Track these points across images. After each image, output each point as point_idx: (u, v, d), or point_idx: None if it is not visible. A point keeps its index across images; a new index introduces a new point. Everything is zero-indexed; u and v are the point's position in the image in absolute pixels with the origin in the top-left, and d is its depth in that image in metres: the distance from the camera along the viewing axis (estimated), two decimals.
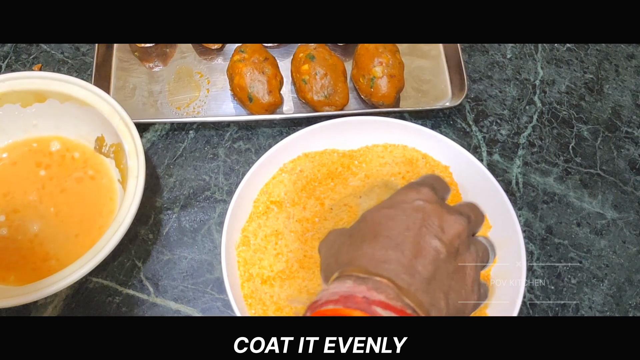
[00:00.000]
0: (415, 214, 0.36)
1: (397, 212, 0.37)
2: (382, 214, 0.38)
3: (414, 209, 0.37)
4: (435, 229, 0.36)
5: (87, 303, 0.50)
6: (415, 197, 0.38)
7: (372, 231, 0.37)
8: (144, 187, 0.48)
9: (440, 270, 0.35)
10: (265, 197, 0.51)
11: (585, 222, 0.56)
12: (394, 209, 0.37)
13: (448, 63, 0.63)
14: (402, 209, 0.37)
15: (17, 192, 0.53)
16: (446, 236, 0.36)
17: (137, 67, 0.62)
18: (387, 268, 0.34)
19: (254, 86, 0.56)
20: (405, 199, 0.38)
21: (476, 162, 0.51)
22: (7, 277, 0.49)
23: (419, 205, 0.37)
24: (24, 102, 0.54)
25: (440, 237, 0.36)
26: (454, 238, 0.36)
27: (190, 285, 0.52)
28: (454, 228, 0.36)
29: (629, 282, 0.53)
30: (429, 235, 0.36)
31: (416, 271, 0.34)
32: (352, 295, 0.33)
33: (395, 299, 0.33)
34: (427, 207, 0.37)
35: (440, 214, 0.37)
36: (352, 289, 0.34)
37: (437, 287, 0.35)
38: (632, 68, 0.64)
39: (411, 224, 0.36)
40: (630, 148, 0.60)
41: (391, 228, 0.36)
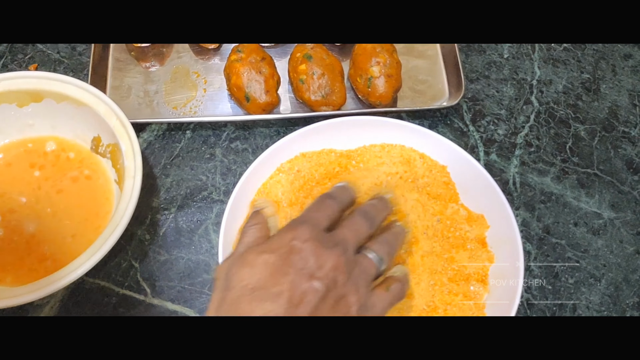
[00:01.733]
0: (291, 257, 0.38)
1: (275, 259, 0.38)
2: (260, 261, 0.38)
3: (289, 252, 0.38)
4: (310, 269, 0.37)
5: (84, 304, 0.50)
6: (291, 238, 0.39)
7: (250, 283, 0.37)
8: (140, 187, 0.48)
9: (319, 309, 0.36)
10: (262, 197, 0.51)
11: (583, 221, 0.56)
12: (272, 254, 0.38)
13: (445, 63, 0.63)
14: (279, 254, 0.38)
15: (13, 193, 0.53)
16: (322, 272, 0.37)
17: (133, 67, 0.62)
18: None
19: (251, 86, 0.56)
20: (282, 241, 0.39)
21: (474, 161, 0.51)
22: (3, 277, 0.49)
23: (293, 247, 0.38)
24: (20, 102, 0.53)
25: (316, 275, 0.37)
26: (329, 271, 0.37)
27: (187, 285, 0.51)
28: (329, 262, 0.38)
29: (626, 282, 0.53)
30: (304, 277, 0.37)
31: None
32: None
33: None
34: (302, 247, 0.38)
35: (315, 251, 0.38)
36: None
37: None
38: (628, 68, 0.64)
39: (287, 268, 0.37)
40: (627, 148, 0.60)
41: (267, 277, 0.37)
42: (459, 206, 0.51)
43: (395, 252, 0.44)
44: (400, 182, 0.51)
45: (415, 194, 0.51)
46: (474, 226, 0.50)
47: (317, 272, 0.37)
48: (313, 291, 0.36)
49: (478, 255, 0.49)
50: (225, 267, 0.40)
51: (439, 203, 0.51)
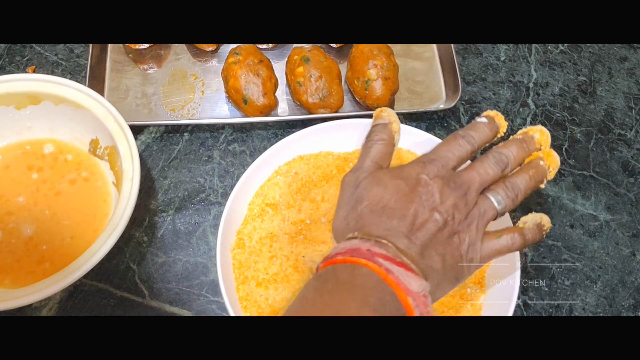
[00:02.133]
0: (419, 188, 0.41)
1: (404, 186, 0.42)
2: (392, 184, 0.42)
3: (417, 183, 0.42)
4: (433, 202, 0.41)
5: (82, 306, 0.50)
6: (419, 172, 0.42)
7: (380, 201, 0.41)
8: (138, 189, 0.48)
9: (436, 237, 0.40)
10: (260, 199, 0.51)
11: (579, 223, 0.56)
12: (402, 180, 0.42)
13: (442, 65, 0.63)
14: (408, 183, 0.42)
15: (10, 195, 0.53)
16: (443, 207, 0.41)
17: (131, 69, 0.62)
18: (389, 235, 0.40)
19: (248, 88, 0.57)
20: (412, 173, 0.42)
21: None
22: (1, 280, 0.49)
23: (422, 180, 0.42)
24: (18, 105, 0.54)
25: (438, 209, 0.41)
26: (449, 208, 0.41)
27: (185, 287, 0.52)
28: (450, 199, 0.41)
29: (622, 284, 0.53)
30: (428, 208, 0.41)
31: (414, 238, 0.40)
32: (358, 249, 0.39)
33: (395, 255, 0.38)
34: (429, 182, 0.42)
35: (441, 188, 0.41)
36: (358, 245, 0.39)
37: (433, 252, 0.40)
38: (624, 70, 0.65)
39: (414, 197, 0.41)
40: (623, 150, 0.60)
41: (397, 200, 0.41)
42: None
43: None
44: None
45: None
46: None
47: (439, 207, 0.41)
48: (433, 221, 0.40)
49: None
50: (353, 178, 0.44)
51: None
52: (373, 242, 0.39)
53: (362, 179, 0.43)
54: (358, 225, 0.41)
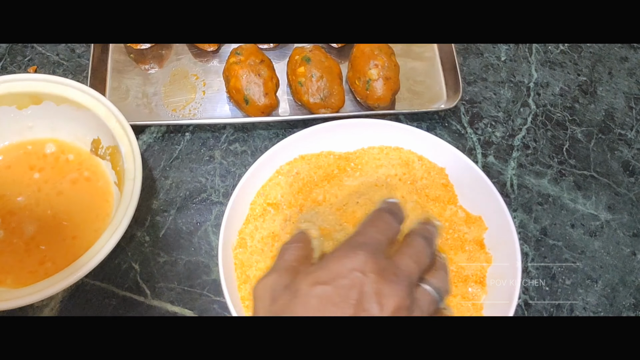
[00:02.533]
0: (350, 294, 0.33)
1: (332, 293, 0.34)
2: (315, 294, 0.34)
3: (350, 286, 0.34)
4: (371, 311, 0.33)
5: (84, 305, 0.51)
6: (350, 268, 0.34)
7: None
8: (140, 189, 0.48)
9: None
10: (262, 199, 0.51)
11: (579, 223, 0.56)
12: (329, 286, 0.34)
13: (443, 65, 0.64)
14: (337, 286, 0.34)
15: (12, 195, 0.53)
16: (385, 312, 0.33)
17: (132, 69, 0.62)
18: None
19: (250, 88, 0.57)
20: (341, 271, 0.34)
21: (471, 164, 0.51)
22: (3, 279, 0.49)
23: (354, 279, 0.34)
24: (20, 105, 0.54)
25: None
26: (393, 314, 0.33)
27: (187, 287, 0.52)
28: (392, 302, 0.33)
29: (622, 283, 0.53)
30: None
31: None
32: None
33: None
34: (363, 280, 0.34)
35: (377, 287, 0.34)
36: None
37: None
38: (625, 70, 0.65)
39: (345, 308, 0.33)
40: (623, 150, 0.60)
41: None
42: (458, 208, 0.51)
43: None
44: (399, 184, 0.52)
45: (415, 196, 0.51)
46: (472, 228, 0.50)
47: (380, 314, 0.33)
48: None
49: (476, 256, 0.49)
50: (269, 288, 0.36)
51: (437, 205, 0.51)
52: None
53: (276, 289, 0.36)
54: None
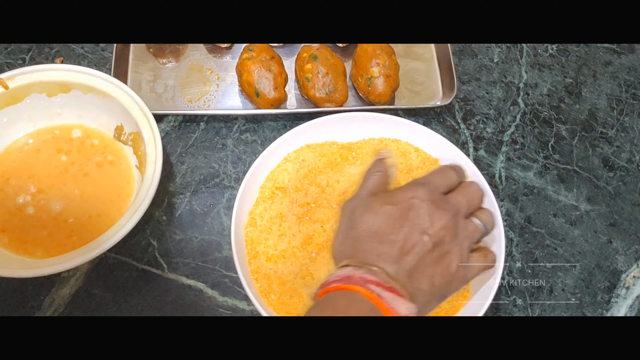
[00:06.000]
0: (409, 212, 0.44)
1: (394, 211, 0.45)
2: (383, 210, 0.45)
3: (408, 207, 0.44)
4: (423, 225, 0.44)
5: (106, 276, 0.55)
6: (410, 196, 0.45)
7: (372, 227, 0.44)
8: (160, 172, 0.53)
9: (425, 260, 0.43)
10: (270, 183, 0.56)
11: (561, 213, 0.61)
12: (392, 205, 0.45)
13: (440, 65, 0.68)
14: (399, 207, 0.45)
15: (41, 175, 0.58)
16: (433, 229, 0.44)
17: (151, 63, 0.67)
18: (380, 260, 0.43)
19: (261, 82, 0.61)
20: (403, 197, 0.45)
21: (463, 156, 0.56)
22: (34, 251, 0.54)
23: (412, 204, 0.44)
24: (50, 92, 0.58)
25: (427, 232, 0.43)
26: (439, 230, 0.44)
27: (201, 262, 0.56)
28: (440, 221, 0.44)
29: (598, 268, 0.58)
30: (418, 231, 0.43)
31: (403, 262, 0.43)
32: (351, 276, 0.42)
33: (385, 281, 0.41)
34: (419, 205, 0.44)
35: (430, 210, 0.44)
36: (351, 272, 0.42)
37: (421, 274, 0.43)
38: (608, 74, 0.70)
39: (404, 221, 0.44)
40: (604, 147, 0.65)
41: (388, 225, 0.44)
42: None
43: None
44: (397, 172, 0.56)
45: None
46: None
47: (429, 229, 0.43)
48: (422, 244, 0.43)
49: None
50: (350, 206, 0.47)
51: None
52: (365, 270, 0.42)
53: (356, 206, 0.47)
54: (352, 252, 0.44)
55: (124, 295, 0.55)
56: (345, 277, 0.42)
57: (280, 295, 0.51)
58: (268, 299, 0.51)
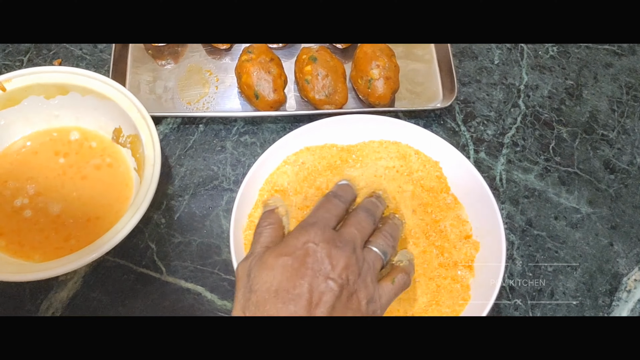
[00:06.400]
0: (307, 259, 0.42)
1: (291, 261, 0.42)
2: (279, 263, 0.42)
3: (304, 254, 0.42)
4: (325, 270, 0.41)
5: (105, 280, 0.55)
6: (303, 241, 0.43)
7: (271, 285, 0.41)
8: (159, 174, 0.53)
9: (336, 307, 0.40)
10: (270, 186, 0.55)
11: (562, 215, 0.61)
12: (288, 256, 0.42)
13: (440, 67, 0.68)
14: (295, 256, 0.42)
15: (39, 178, 0.57)
16: (335, 272, 0.41)
17: (150, 64, 0.66)
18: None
19: (260, 84, 0.61)
20: (297, 244, 0.43)
21: (464, 159, 0.55)
22: (32, 255, 0.54)
23: (307, 250, 0.42)
24: (48, 94, 0.58)
25: (331, 276, 0.41)
26: (342, 271, 0.41)
27: (199, 266, 0.56)
28: (341, 261, 0.42)
29: (599, 271, 0.58)
30: (320, 278, 0.41)
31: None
32: None
33: None
34: (315, 249, 0.42)
35: (328, 252, 0.42)
36: None
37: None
38: (609, 76, 0.69)
39: (304, 272, 0.41)
40: (605, 149, 0.65)
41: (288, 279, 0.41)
42: (450, 195, 0.55)
43: (397, 243, 0.49)
44: (397, 175, 0.56)
45: (410, 186, 0.55)
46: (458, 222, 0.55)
47: (331, 273, 0.41)
48: (329, 291, 0.40)
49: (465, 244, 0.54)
50: (246, 267, 0.44)
51: (431, 194, 0.55)
52: None
53: (252, 266, 0.43)
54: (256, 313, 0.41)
55: (122, 299, 0.54)
56: None
57: None
58: None
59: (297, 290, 0.40)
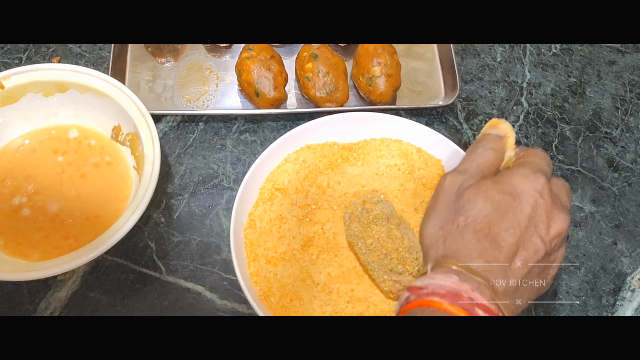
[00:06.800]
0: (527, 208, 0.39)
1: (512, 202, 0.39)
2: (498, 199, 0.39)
3: (528, 203, 0.39)
4: (541, 229, 0.39)
5: (103, 279, 0.54)
6: (532, 188, 0.39)
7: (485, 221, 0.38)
8: (159, 173, 0.52)
9: (532, 271, 0.39)
10: (270, 184, 0.55)
11: None
12: (510, 196, 0.39)
13: (442, 65, 0.67)
14: (518, 200, 0.39)
15: (37, 176, 0.57)
16: (549, 236, 0.39)
17: (150, 62, 0.66)
18: (489, 269, 0.38)
19: (260, 82, 0.60)
20: (524, 188, 0.39)
21: None
22: (31, 254, 0.53)
23: (534, 200, 0.39)
24: (47, 92, 0.57)
25: (543, 238, 0.39)
26: (554, 237, 0.39)
27: (199, 265, 0.56)
28: (558, 227, 0.39)
29: (603, 270, 0.57)
30: (535, 235, 0.38)
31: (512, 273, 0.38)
32: (459, 294, 0.36)
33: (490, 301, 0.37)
34: (540, 203, 0.39)
35: (550, 212, 0.39)
36: (458, 287, 0.37)
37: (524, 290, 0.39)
38: (612, 73, 0.69)
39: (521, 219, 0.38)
40: (608, 147, 0.64)
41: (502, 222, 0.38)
42: None
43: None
44: (399, 173, 0.56)
45: (412, 185, 0.55)
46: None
47: (546, 236, 0.38)
48: (535, 253, 0.38)
49: None
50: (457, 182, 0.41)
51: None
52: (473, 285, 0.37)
53: (466, 186, 0.40)
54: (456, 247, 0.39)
55: (121, 299, 0.54)
56: (451, 292, 0.36)
57: (280, 298, 0.50)
58: (268, 302, 0.50)
59: (508, 238, 0.38)
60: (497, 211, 0.38)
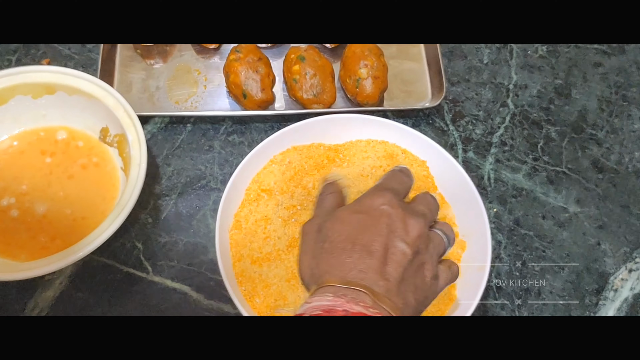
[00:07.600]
0: (383, 219, 0.41)
1: (367, 219, 0.42)
2: (354, 219, 0.42)
3: (381, 215, 0.41)
4: (400, 233, 0.41)
5: (90, 280, 0.55)
6: (380, 203, 0.42)
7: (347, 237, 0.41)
8: (145, 174, 0.53)
9: (407, 270, 0.40)
10: (256, 185, 0.55)
11: (550, 215, 0.61)
12: (363, 214, 0.42)
13: (429, 67, 0.68)
14: (371, 215, 0.42)
15: (25, 177, 0.57)
16: (410, 238, 0.41)
17: (139, 64, 0.66)
18: (364, 277, 0.39)
19: (248, 84, 0.61)
20: (373, 204, 0.42)
21: (451, 158, 0.55)
22: (18, 254, 0.53)
23: (384, 211, 0.42)
24: (35, 94, 0.58)
25: (406, 240, 0.40)
26: (416, 239, 0.41)
27: (186, 265, 0.56)
28: (415, 230, 0.41)
29: (587, 270, 0.58)
30: (396, 239, 0.40)
31: (389, 276, 0.39)
32: (333, 309, 0.37)
33: (372, 306, 0.37)
34: (391, 212, 0.42)
35: (403, 218, 0.41)
36: (333, 303, 0.37)
37: (406, 287, 0.40)
38: (598, 75, 0.69)
39: (380, 229, 0.41)
40: (593, 149, 0.65)
41: (364, 235, 0.41)
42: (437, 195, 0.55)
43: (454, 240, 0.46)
44: (384, 174, 0.56)
45: None
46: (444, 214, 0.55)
47: (406, 238, 0.40)
48: (403, 253, 0.40)
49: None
50: (315, 225, 0.44)
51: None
52: (348, 298, 0.37)
53: (322, 222, 0.43)
54: (327, 268, 0.40)
55: (108, 298, 0.54)
56: (326, 310, 0.37)
57: (264, 299, 0.50)
58: (252, 302, 0.50)
59: (374, 246, 0.40)
60: (357, 228, 0.41)
